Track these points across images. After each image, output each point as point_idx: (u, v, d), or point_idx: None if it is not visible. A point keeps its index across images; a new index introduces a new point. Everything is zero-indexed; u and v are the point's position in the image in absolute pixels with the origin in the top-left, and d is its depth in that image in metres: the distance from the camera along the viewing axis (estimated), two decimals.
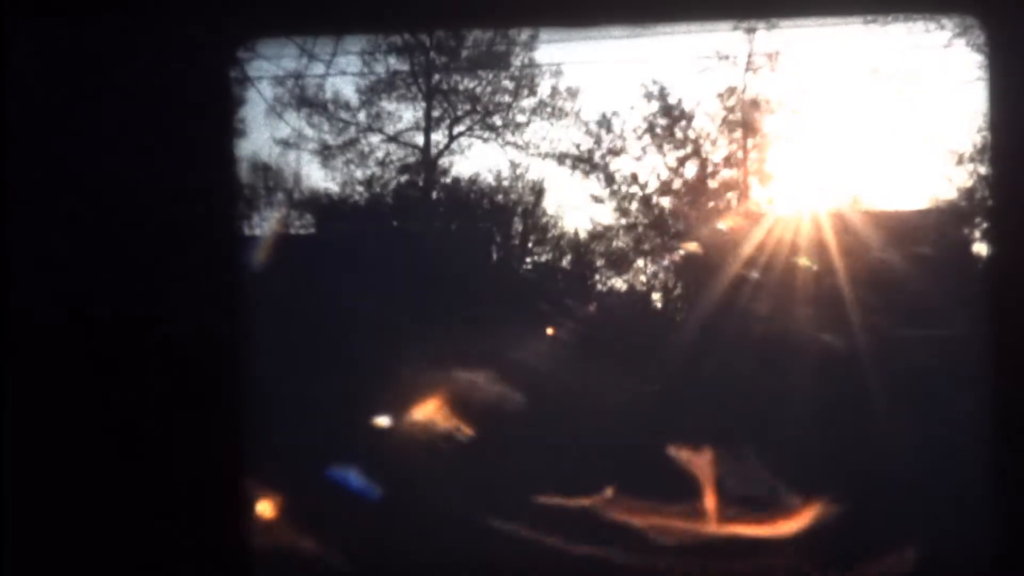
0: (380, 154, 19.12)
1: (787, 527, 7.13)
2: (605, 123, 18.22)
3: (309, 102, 18.68)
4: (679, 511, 7.31)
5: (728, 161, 17.91)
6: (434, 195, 18.93)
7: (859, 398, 10.82)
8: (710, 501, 7.63)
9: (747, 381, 11.55)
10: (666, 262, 17.87)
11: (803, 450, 8.80)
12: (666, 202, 18.04)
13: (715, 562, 6.57)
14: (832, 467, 7.96)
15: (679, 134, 18.00)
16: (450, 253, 15.77)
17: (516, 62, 19.33)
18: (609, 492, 7.89)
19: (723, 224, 16.71)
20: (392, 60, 18.94)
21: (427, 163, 19.03)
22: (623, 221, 18.35)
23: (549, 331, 13.27)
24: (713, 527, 7.30)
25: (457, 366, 10.90)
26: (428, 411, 9.87)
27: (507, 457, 9.16)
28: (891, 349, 12.06)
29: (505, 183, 19.19)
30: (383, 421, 9.66)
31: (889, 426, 9.68)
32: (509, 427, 10.28)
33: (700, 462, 8.26)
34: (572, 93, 19.19)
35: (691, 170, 18.02)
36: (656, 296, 18.56)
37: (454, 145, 19.28)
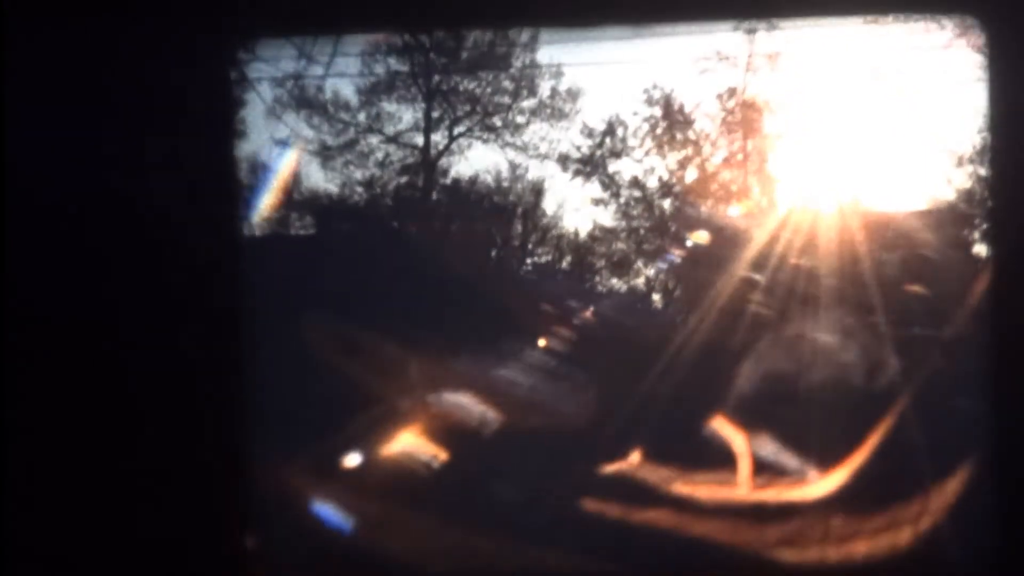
0: (380, 155, 19.13)
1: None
2: (605, 124, 18.23)
3: (308, 103, 18.68)
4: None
5: (728, 162, 17.92)
6: (434, 196, 18.94)
7: (860, 397, 10.83)
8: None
9: (751, 381, 11.57)
10: (665, 264, 17.88)
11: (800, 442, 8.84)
12: (667, 203, 18.05)
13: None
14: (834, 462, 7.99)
15: (679, 135, 18.01)
16: (449, 254, 15.77)
17: (516, 63, 19.33)
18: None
19: (723, 224, 16.71)
20: (392, 61, 18.94)
21: (427, 164, 19.04)
22: (623, 223, 18.36)
23: (542, 343, 13.26)
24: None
25: (456, 370, 10.91)
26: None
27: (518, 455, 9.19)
28: (892, 348, 12.07)
29: (505, 184, 19.20)
30: (383, 423, 9.66)
31: (892, 425, 9.70)
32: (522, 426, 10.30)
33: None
34: (572, 94, 19.19)
35: (691, 171, 18.03)
36: (656, 297, 18.56)
37: (454, 146, 19.29)
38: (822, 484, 7.58)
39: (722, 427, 9.08)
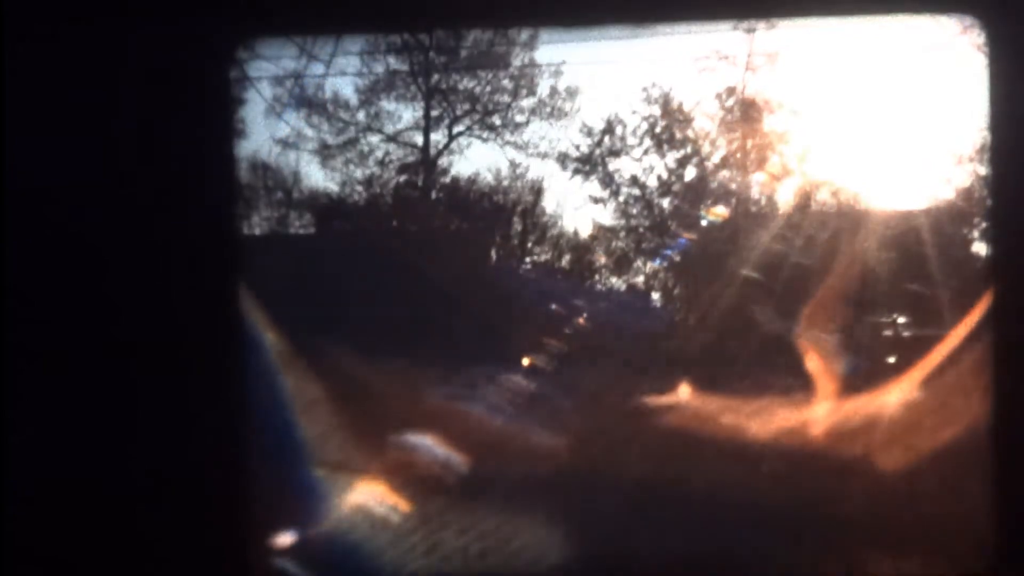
0: (379, 154, 19.14)
1: None
2: (604, 123, 18.24)
3: (309, 102, 18.68)
4: None
5: (727, 161, 17.92)
6: (433, 194, 18.94)
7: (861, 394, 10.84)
8: None
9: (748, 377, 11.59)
10: (664, 262, 17.88)
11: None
12: (665, 202, 18.06)
13: None
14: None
15: (678, 134, 18.01)
16: (449, 253, 15.76)
17: (516, 62, 19.35)
18: None
19: (721, 222, 16.72)
20: (392, 60, 18.95)
21: (426, 163, 19.04)
22: (622, 221, 18.37)
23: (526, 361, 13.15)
24: None
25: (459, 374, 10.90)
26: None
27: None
28: (892, 348, 12.08)
29: (504, 182, 19.22)
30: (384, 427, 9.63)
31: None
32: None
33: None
34: (571, 93, 19.22)
35: (690, 170, 18.04)
36: (655, 296, 18.57)
37: (453, 144, 19.29)
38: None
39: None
